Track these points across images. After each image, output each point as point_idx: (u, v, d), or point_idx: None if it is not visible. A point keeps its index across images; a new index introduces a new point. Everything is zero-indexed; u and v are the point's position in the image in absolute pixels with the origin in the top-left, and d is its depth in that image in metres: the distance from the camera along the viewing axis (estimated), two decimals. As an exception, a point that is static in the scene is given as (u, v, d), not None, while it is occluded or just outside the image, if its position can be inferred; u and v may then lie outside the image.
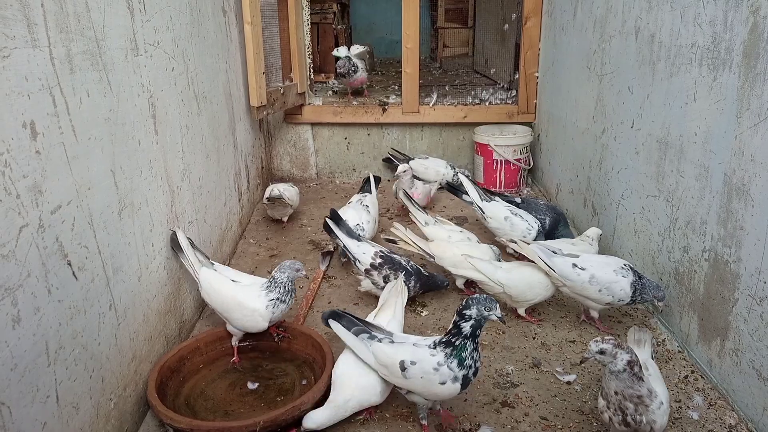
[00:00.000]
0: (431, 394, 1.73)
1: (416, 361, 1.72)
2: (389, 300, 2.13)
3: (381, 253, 2.51)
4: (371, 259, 2.49)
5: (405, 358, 1.73)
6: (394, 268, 2.47)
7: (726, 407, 1.91)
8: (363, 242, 2.58)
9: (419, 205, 3.09)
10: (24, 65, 1.34)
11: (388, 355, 1.77)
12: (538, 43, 4.07)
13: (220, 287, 2.13)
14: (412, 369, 1.71)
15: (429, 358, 1.71)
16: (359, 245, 2.55)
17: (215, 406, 1.93)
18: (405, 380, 1.73)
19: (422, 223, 2.95)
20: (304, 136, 4.43)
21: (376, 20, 8.65)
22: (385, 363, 1.78)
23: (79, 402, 1.53)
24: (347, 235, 2.59)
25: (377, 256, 2.49)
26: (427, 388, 1.71)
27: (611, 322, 2.44)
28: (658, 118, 2.35)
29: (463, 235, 2.85)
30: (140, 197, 1.94)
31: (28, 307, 1.33)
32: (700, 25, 2.04)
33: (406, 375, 1.72)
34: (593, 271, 2.23)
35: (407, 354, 1.75)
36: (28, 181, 1.35)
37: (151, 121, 2.04)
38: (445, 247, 2.65)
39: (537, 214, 3.10)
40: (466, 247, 2.66)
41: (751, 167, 1.78)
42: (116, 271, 1.75)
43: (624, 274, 2.22)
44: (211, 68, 2.78)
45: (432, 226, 2.93)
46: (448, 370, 1.68)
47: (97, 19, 1.67)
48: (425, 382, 1.70)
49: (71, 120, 1.52)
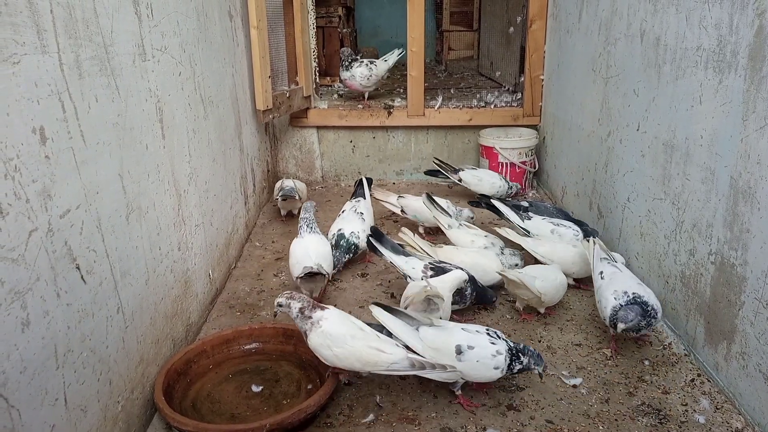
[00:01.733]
0: (479, 376, 1.92)
1: (474, 345, 1.88)
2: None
3: (431, 265, 2.44)
4: (422, 273, 2.43)
5: (461, 343, 1.88)
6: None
7: (733, 411, 1.90)
8: (411, 257, 2.51)
9: (442, 207, 3.05)
10: (33, 71, 1.36)
11: (442, 340, 1.89)
12: (544, 45, 4.07)
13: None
14: (469, 353, 1.88)
15: (488, 345, 1.89)
16: (407, 260, 2.49)
17: (222, 409, 1.94)
18: (458, 363, 1.87)
19: (445, 226, 2.93)
20: (310, 140, 4.44)
21: (381, 24, 8.66)
22: (437, 347, 1.89)
23: (87, 405, 1.54)
24: (393, 252, 2.51)
25: (427, 269, 2.42)
26: (479, 371, 1.89)
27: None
28: (663, 121, 2.35)
29: (487, 240, 2.84)
30: (147, 201, 1.95)
31: (38, 311, 1.35)
32: (706, 28, 2.03)
33: (461, 358, 1.87)
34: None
35: (463, 339, 1.90)
36: (37, 185, 1.36)
37: (159, 125, 2.06)
38: (453, 254, 2.65)
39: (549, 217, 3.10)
40: (473, 254, 2.66)
41: (757, 170, 1.77)
42: (124, 275, 1.77)
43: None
44: (217, 72, 2.80)
45: (455, 229, 2.91)
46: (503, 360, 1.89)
47: (106, 24, 1.69)
48: (480, 365, 1.88)
49: (80, 125, 1.54)
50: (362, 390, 2.04)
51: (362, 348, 1.83)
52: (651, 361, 2.18)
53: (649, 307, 2.10)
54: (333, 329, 1.85)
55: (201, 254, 2.49)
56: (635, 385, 2.05)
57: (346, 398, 2.00)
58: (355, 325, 1.89)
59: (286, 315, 1.95)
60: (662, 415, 1.90)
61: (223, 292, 2.76)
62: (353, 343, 1.83)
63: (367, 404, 1.97)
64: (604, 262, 2.37)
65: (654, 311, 2.10)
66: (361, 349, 1.83)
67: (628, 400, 1.97)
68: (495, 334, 1.95)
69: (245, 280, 2.87)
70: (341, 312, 1.95)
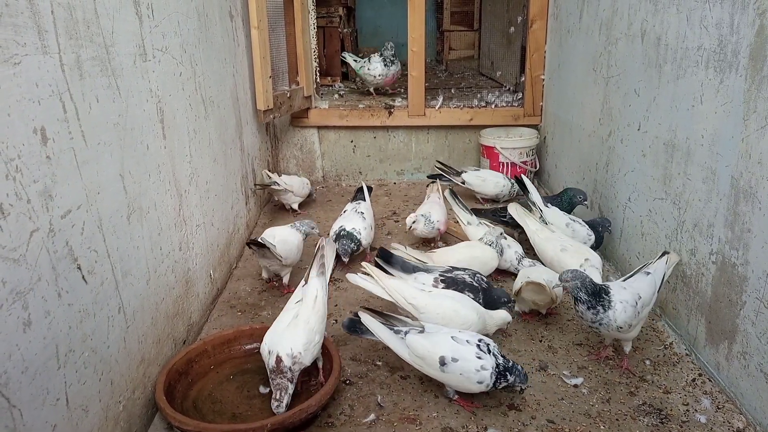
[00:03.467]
0: (463, 387, 1.91)
1: (458, 358, 1.86)
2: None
3: (441, 277, 2.40)
4: (432, 286, 2.37)
5: (446, 354, 1.87)
6: (459, 288, 2.34)
7: (734, 410, 1.90)
8: (419, 272, 2.45)
9: (463, 203, 3.09)
10: (35, 72, 1.36)
11: (427, 349, 1.90)
12: (544, 45, 4.07)
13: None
14: (453, 365, 1.86)
15: (474, 359, 1.86)
16: (416, 277, 2.44)
17: (223, 409, 1.94)
18: (442, 374, 1.88)
19: (465, 222, 2.98)
20: (311, 140, 4.44)
21: (382, 24, 8.66)
22: (422, 355, 1.90)
23: (88, 404, 1.54)
24: (402, 271, 2.46)
25: (438, 282, 2.39)
26: (462, 384, 1.89)
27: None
28: (664, 121, 2.35)
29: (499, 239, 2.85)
30: (148, 201, 1.96)
31: (39, 311, 1.35)
32: (706, 28, 2.03)
33: (444, 369, 1.86)
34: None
35: (448, 350, 1.88)
36: (38, 186, 1.36)
37: (159, 125, 2.06)
38: (447, 255, 2.68)
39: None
40: (465, 249, 2.70)
41: (758, 170, 1.77)
42: (125, 275, 1.77)
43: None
44: (218, 72, 2.80)
45: (474, 226, 2.96)
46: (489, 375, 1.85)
47: (106, 25, 1.69)
48: (463, 378, 1.87)
49: (81, 125, 1.54)
50: (363, 390, 2.04)
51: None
52: (652, 360, 2.18)
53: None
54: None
55: (202, 254, 2.49)
56: (636, 385, 2.05)
57: (348, 398, 2.00)
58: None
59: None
60: (663, 414, 1.90)
61: (225, 291, 2.76)
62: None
63: (368, 404, 1.97)
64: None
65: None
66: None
67: (630, 400, 1.97)
68: (486, 347, 1.89)
69: (246, 280, 2.87)
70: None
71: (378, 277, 2.22)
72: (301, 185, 3.74)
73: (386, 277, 2.24)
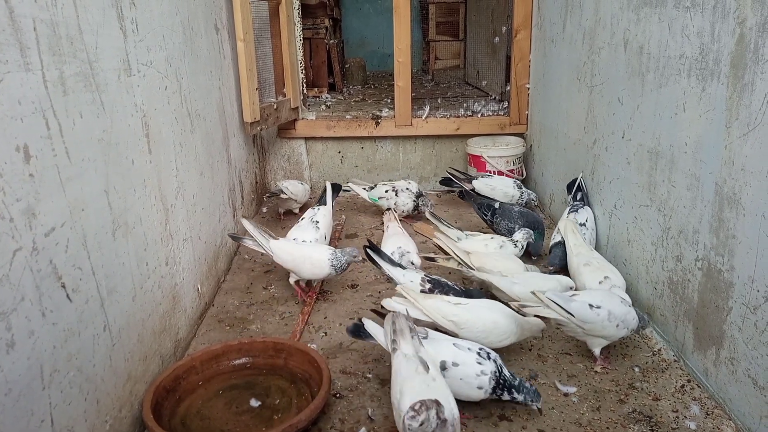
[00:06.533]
0: (463, 394, 1.90)
1: (459, 363, 1.88)
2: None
3: (428, 278, 2.46)
4: (420, 286, 2.43)
5: (447, 359, 1.88)
6: (444, 291, 2.40)
7: (723, 416, 1.91)
8: (408, 270, 2.52)
9: (447, 222, 3.12)
10: (17, 89, 1.35)
11: (429, 356, 1.86)
12: (529, 55, 4.11)
13: (292, 249, 2.67)
14: (454, 370, 1.88)
15: (474, 364, 1.88)
16: (405, 274, 2.49)
17: (211, 426, 1.92)
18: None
19: (455, 239, 2.95)
20: (298, 151, 4.44)
21: (368, 34, 8.71)
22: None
23: (74, 425, 1.51)
24: (390, 264, 2.53)
25: (425, 282, 2.44)
26: (462, 389, 1.88)
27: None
28: (648, 129, 2.37)
29: (494, 242, 2.91)
30: (134, 217, 1.94)
31: (23, 331, 1.33)
32: (688, 37, 2.06)
33: (445, 374, 1.83)
34: (609, 307, 2.10)
35: (449, 355, 1.90)
36: (21, 204, 1.35)
37: (145, 140, 2.05)
38: (485, 260, 2.69)
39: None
40: (498, 257, 2.75)
41: (741, 176, 1.79)
42: (110, 292, 1.75)
43: (628, 302, 2.20)
44: (204, 86, 2.79)
45: (465, 240, 2.96)
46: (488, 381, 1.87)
47: (90, 41, 1.68)
48: (463, 383, 1.87)
49: (64, 142, 1.53)
50: (354, 403, 2.03)
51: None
52: (641, 367, 2.19)
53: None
54: None
55: (189, 269, 2.47)
56: (626, 393, 2.05)
57: (338, 412, 1.99)
58: None
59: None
60: (653, 422, 1.90)
61: (212, 306, 2.73)
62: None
63: (358, 417, 1.96)
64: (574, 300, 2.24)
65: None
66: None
67: (619, 408, 1.98)
68: (486, 355, 1.91)
69: (234, 294, 2.85)
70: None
71: (414, 299, 2.21)
72: (304, 193, 3.88)
73: (422, 298, 2.24)
